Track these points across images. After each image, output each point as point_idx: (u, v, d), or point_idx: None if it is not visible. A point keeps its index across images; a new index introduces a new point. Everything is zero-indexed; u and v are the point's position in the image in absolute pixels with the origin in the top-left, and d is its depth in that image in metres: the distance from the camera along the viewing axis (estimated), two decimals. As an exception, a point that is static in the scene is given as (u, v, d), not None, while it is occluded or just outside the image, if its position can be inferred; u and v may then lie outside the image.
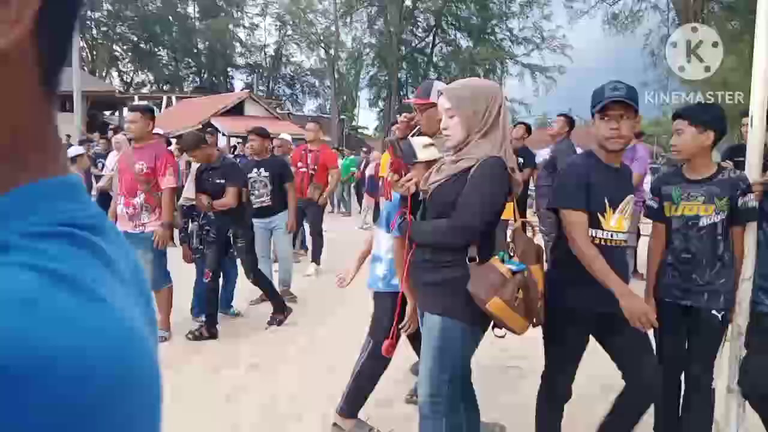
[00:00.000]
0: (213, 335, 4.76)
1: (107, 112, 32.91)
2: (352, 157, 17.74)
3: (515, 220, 2.37)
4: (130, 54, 47.82)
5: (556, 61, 36.67)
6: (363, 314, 5.62)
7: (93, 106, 31.33)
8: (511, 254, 2.27)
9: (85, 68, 42.02)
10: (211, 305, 4.86)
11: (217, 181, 4.76)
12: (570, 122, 6.76)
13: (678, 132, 2.76)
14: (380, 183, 6.57)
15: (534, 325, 2.30)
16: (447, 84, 2.54)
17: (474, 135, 2.27)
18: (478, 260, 2.22)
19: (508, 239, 2.35)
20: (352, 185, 16.82)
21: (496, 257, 2.23)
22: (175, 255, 5.14)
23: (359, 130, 43.49)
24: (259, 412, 3.50)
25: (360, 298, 6.38)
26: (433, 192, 2.33)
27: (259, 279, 5.15)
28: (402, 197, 2.42)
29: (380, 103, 40.76)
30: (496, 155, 2.23)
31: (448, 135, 2.33)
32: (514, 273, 2.19)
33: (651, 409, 2.78)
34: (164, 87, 45.02)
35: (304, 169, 7.13)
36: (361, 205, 15.27)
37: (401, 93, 39.79)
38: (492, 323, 2.27)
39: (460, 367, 2.37)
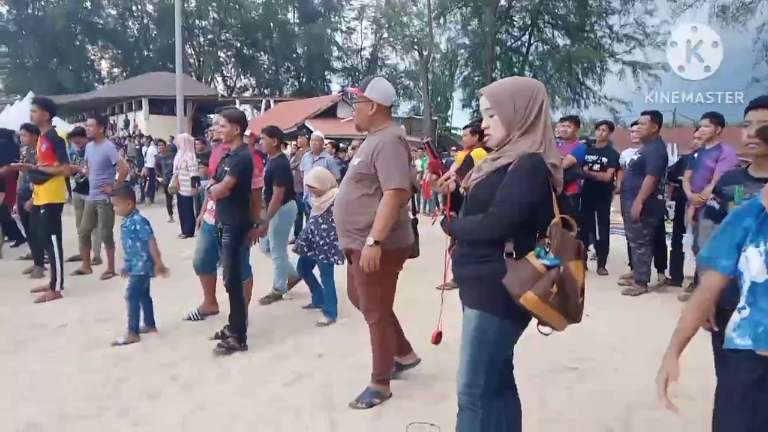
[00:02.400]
0: (242, 346, 4.47)
1: (211, 115, 34.65)
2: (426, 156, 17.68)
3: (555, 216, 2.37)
4: (233, 60, 50.11)
5: (660, 57, 35.00)
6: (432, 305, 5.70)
7: (198, 109, 33.21)
8: (548, 250, 2.27)
9: (193, 74, 44.55)
10: (239, 316, 4.51)
11: (225, 169, 4.48)
12: (658, 120, 6.34)
13: (760, 123, 2.65)
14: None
15: (572, 322, 2.29)
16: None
17: (514, 133, 2.30)
18: (515, 256, 2.25)
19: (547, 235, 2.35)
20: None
21: (533, 253, 2.25)
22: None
23: (452, 131, 43.25)
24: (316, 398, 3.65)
25: (430, 292, 6.47)
26: (472, 189, 2.38)
27: (234, 292, 4.51)
28: (443, 195, 2.48)
29: (473, 104, 40.36)
30: (535, 152, 2.25)
31: (488, 134, 2.39)
32: (548, 268, 2.20)
33: None
34: (265, 91, 46.75)
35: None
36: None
37: (495, 93, 39.14)
38: (538, 321, 2.28)
39: (497, 360, 2.39)
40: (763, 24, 25.34)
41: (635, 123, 6.63)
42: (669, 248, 6.72)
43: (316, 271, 5.43)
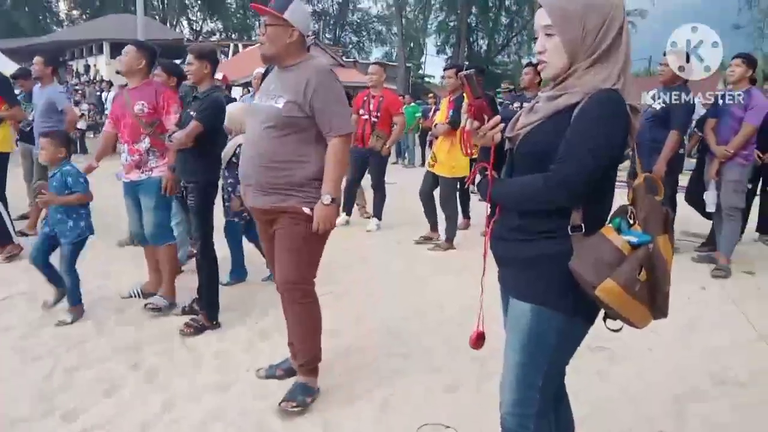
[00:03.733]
0: (214, 324, 3.85)
1: (176, 61, 33.11)
2: (414, 104, 16.93)
3: (636, 175, 1.77)
4: (199, 2, 47.85)
5: (637, 4, 34.45)
6: (423, 272, 5.21)
7: (161, 54, 31.58)
8: (631, 221, 1.69)
9: (157, 17, 42.47)
10: (209, 288, 3.87)
11: (191, 113, 3.76)
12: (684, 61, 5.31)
13: None
14: (435, 130, 5.96)
15: (659, 316, 1.72)
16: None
17: (581, 62, 1.68)
18: (584, 230, 1.66)
19: (627, 201, 1.76)
20: (417, 134, 16.17)
21: (610, 226, 1.66)
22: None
23: (426, 78, 42.29)
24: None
25: (420, 253, 6.03)
26: (523, 139, 1.76)
27: (205, 261, 3.85)
28: (483, 149, 1.86)
29: (448, 50, 39.40)
30: (611, 88, 1.64)
31: (544, 61, 1.75)
32: (634, 247, 1.62)
33: None
34: (233, 35, 44.90)
35: (365, 117, 6.67)
36: (425, 156, 14.65)
37: (470, 39, 38.33)
38: (603, 313, 1.72)
39: (558, 370, 1.84)
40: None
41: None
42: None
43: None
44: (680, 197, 6.01)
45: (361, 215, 7.60)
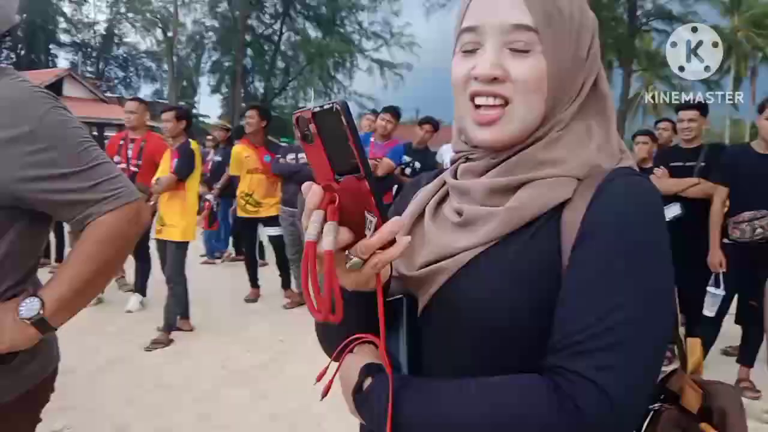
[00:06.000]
0: None
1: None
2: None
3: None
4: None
5: (405, 58, 36.88)
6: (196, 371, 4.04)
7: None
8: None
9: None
10: None
11: None
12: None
13: None
14: (156, 187, 4.93)
15: None
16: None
17: (559, 114, 0.86)
18: None
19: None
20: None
21: None
22: None
23: (201, 118, 40.59)
24: None
25: (198, 344, 4.66)
26: (448, 287, 0.83)
27: None
28: (358, 293, 0.76)
29: (224, 90, 38.33)
30: (627, 166, 0.84)
31: (501, 98, 0.83)
32: None
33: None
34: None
35: (123, 166, 5.41)
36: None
37: (246, 81, 37.77)
38: None
39: None
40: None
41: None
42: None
43: None
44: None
45: (119, 288, 6.23)
